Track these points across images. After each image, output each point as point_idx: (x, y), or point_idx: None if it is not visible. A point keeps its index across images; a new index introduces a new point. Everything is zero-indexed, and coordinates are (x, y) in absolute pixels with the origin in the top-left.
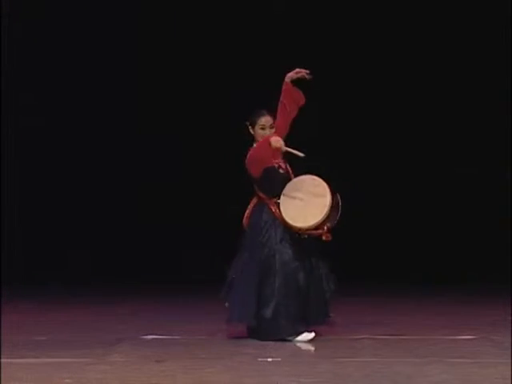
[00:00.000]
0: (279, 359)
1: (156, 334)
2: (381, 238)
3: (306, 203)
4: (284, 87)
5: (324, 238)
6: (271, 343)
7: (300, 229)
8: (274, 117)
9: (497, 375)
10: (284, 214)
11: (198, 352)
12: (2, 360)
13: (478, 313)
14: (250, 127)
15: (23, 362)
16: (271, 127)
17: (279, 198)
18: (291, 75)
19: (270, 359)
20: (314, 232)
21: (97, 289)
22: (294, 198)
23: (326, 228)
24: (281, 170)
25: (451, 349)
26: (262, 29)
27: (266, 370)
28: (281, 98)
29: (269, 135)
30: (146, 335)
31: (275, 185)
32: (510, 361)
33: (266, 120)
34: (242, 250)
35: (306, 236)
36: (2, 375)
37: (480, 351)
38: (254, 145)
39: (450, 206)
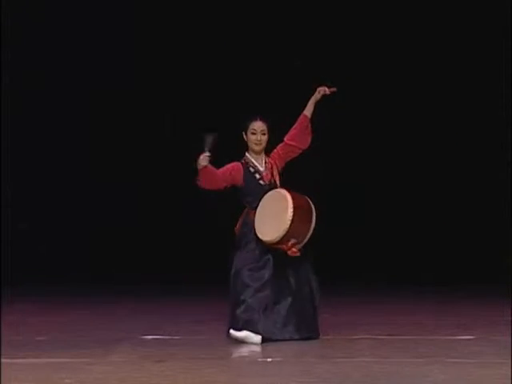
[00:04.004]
0: (279, 359)
1: (156, 334)
2: (381, 239)
3: (273, 217)
4: (301, 121)
5: (289, 253)
6: (271, 343)
7: (265, 242)
8: (268, 123)
9: (497, 375)
10: (256, 227)
11: (198, 352)
12: (2, 360)
13: (478, 313)
14: (244, 134)
15: (23, 362)
16: (263, 133)
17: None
18: (315, 98)
19: (269, 359)
20: (279, 246)
21: (97, 289)
22: (266, 210)
23: (290, 243)
24: (261, 182)
25: (451, 349)
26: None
27: (266, 370)
28: (292, 135)
29: (234, 164)
30: (146, 335)
31: (254, 197)
32: (509, 361)
33: (257, 125)
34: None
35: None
36: (2, 375)
37: (480, 351)
38: (246, 153)
39: (450, 207)
